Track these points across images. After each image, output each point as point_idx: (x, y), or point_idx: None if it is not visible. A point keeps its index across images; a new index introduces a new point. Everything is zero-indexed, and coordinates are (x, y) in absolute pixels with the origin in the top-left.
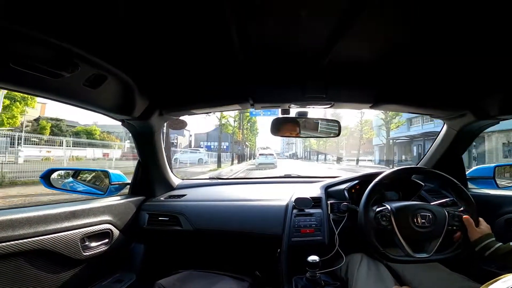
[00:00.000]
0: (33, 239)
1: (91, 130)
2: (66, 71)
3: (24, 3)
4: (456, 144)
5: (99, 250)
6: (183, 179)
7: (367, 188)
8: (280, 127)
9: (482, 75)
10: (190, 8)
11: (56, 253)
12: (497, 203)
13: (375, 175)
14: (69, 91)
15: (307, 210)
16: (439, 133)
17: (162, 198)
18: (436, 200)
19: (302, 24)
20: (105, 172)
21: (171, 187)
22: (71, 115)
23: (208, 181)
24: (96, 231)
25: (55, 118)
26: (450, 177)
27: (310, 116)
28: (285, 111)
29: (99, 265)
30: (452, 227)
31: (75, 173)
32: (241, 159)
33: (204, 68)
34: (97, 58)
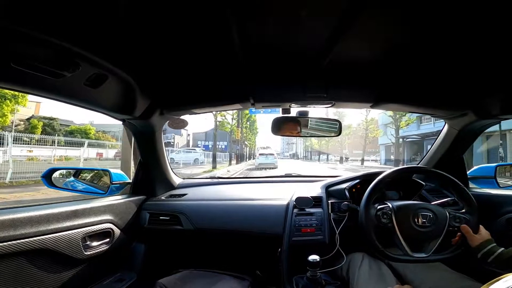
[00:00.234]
0: (35, 239)
1: (86, 129)
2: (67, 71)
3: (25, 3)
4: (457, 144)
5: (100, 250)
6: (184, 179)
7: (369, 187)
8: (281, 127)
9: (484, 74)
10: (191, 8)
11: (58, 253)
12: (498, 203)
13: (376, 175)
14: (70, 91)
15: (308, 210)
16: (440, 133)
17: (163, 198)
18: (437, 200)
19: (303, 24)
20: (106, 172)
21: (172, 187)
22: (67, 114)
23: (209, 181)
24: (97, 231)
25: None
26: (451, 177)
27: (311, 116)
28: (286, 111)
29: (100, 265)
30: (453, 228)
31: (76, 172)
32: (240, 159)
33: (205, 68)
34: (98, 58)
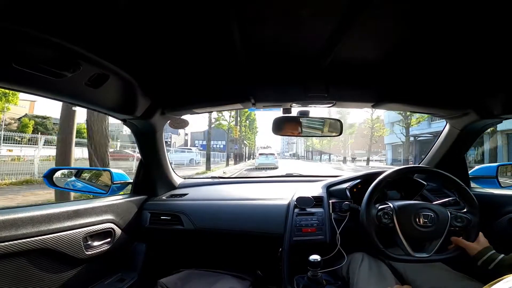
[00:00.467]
0: (36, 239)
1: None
2: (68, 71)
3: (26, 3)
4: (459, 144)
5: (102, 249)
6: (185, 178)
7: (370, 187)
8: (282, 126)
9: (485, 74)
10: (193, 8)
11: (59, 252)
12: (500, 203)
13: (377, 174)
14: (71, 91)
15: (309, 209)
16: (442, 132)
17: (164, 197)
18: (439, 200)
19: (303, 24)
20: (108, 171)
21: (173, 186)
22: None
23: (210, 180)
24: (99, 230)
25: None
26: (453, 177)
27: (312, 115)
28: (287, 110)
29: (101, 264)
30: (454, 228)
31: (78, 172)
32: (239, 160)
33: (206, 68)
34: (99, 58)
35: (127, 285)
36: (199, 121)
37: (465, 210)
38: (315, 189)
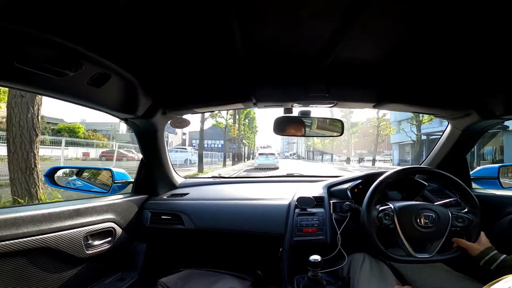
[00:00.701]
0: (37, 237)
1: (74, 128)
2: (70, 70)
3: (27, 3)
4: (461, 144)
5: (102, 249)
6: (186, 178)
7: (371, 187)
8: (283, 126)
9: (487, 74)
10: (193, 8)
11: (60, 252)
12: (502, 203)
13: (378, 175)
14: (73, 90)
15: (310, 210)
16: (443, 133)
17: (165, 197)
18: (440, 200)
19: (304, 25)
20: (109, 170)
21: (174, 186)
22: (59, 112)
23: (211, 180)
24: (99, 230)
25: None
26: (454, 177)
27: (313, 115)
28: (288, 110)
29: (102, 264)
30: (456, 228)
31: (79, 171)
32: (238, 160)
33: (207, 67)
34: (101, 57)
35: (128, 285)
36: (198, 120)
37: (466, 210)
38: (316, 189)
